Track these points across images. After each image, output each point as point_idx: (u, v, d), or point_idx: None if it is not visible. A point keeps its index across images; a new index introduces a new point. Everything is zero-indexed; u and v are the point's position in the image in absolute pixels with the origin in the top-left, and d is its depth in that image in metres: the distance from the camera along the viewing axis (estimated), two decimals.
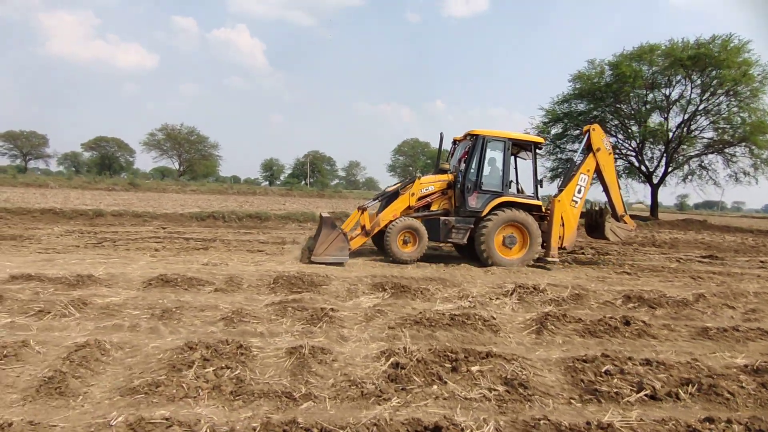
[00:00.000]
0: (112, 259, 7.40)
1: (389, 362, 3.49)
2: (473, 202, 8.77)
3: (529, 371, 3.48)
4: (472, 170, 8.78)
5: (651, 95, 25.31)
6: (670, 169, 26.50)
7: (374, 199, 9.86)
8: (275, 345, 3.86)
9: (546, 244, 8.98)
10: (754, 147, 23.75)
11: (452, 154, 10.08)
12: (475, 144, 8.78)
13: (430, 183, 8.96)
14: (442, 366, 3.45)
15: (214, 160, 68.64)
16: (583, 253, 11.31)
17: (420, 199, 8.84)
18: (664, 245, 14.06)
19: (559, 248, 9.01)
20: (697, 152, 26.01)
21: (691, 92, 24.06)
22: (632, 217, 10.67)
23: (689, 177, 26.49)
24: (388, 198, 8.91)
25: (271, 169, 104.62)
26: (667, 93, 25.15)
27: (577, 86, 27.20)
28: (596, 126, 9.66)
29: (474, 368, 3.41)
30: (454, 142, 10.03)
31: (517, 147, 9.33)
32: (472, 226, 8.74)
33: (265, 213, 15.04)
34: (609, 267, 9.35)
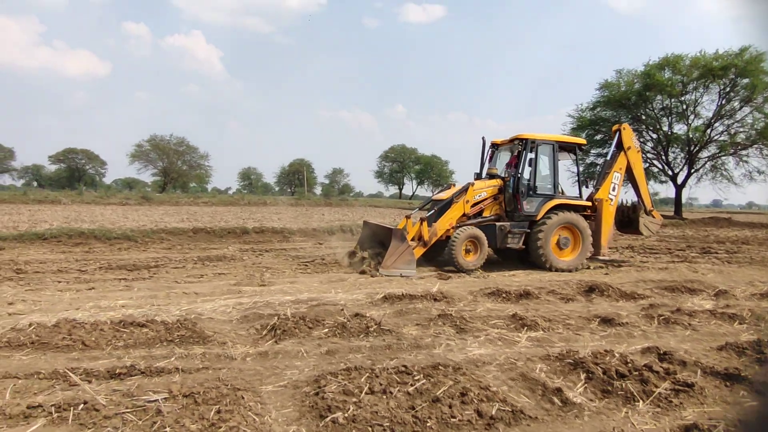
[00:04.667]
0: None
1: None
2: (528, 206, 8.86)
3: None
4: (525, 174, 8.91)
5: (677, 103, 27.25)
6: (692, 170, 28.56)
7: (420, 208, 10.01)
8: None
9: (596, 243, 9.30)
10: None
11: (491, 158, 10.07)
12: (525, 148, 8.91)
13: (482, 189, 8.95)
14: None
15: (205, 170, 66.96)
16: (717, 253, 12.38)
17: (473, 205, 8.83)
18: (753, 242, 15.45)
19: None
20: (719, 154, 28.11)
21: (720, 99, 26.15)
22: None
23: (713, 177, 28.63)
24: (442, 207, 8.74)
25: (249, 178, 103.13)
26: (692, 99, 27.18)
27: (604, 94, 28.86)
28: (626, 125, 10.02)
29: None
30: (494, 146, 10.05)
31: (560, 149, 9.44)
32: (528, 231, 8.87)
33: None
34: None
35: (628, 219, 10.28)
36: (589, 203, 9.49)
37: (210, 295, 6.13)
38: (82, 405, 2.76)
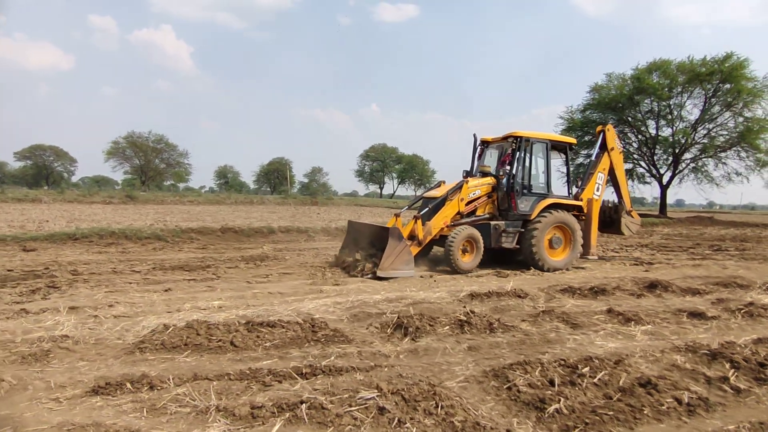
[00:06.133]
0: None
1: None
2: (522, 204, 8.72)
3: None
4: (521, 173, 8.74)
5: (664, 106, 28.32)
6: (677, 171, 29.74)
7: (409, 207, 9.88)
8: None
9: (586, 243, 9.36)
10: (748, 149, 27.24)
11: (480, 156, 9.79)
12: (519, 146, 8.73)
13: (476, 187, 8.71)
14: None
15: (184, 168, 65.38)
16: (728, 250, 13.02)
17: (468, 203, 8.60)
18: (751, 240, 16.30)
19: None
20: (701, 156, 29.37)
21: (706, 103, 27.31)
22: (644, 215, 11.74)
23: (697, 178, 29.89)
24: (436, 204, 8.39)
25: (225, 176, 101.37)
26: (677, 103, 28.32)
27: (594, 97, 29.72)
28: (610, 126, 10.19)
29: None
30: (484, 143, 9.75)
31: (552, 148, 9.30)
32: (522, 230, 8.73)
33: None
34: None
35: (609, 219, 10.29)
36: (579, 203, 9.49)
37: (294, 294, 6.13)
38: (303, 405, 2.79)
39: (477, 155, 9.74)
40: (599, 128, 10.30)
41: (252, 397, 2.95)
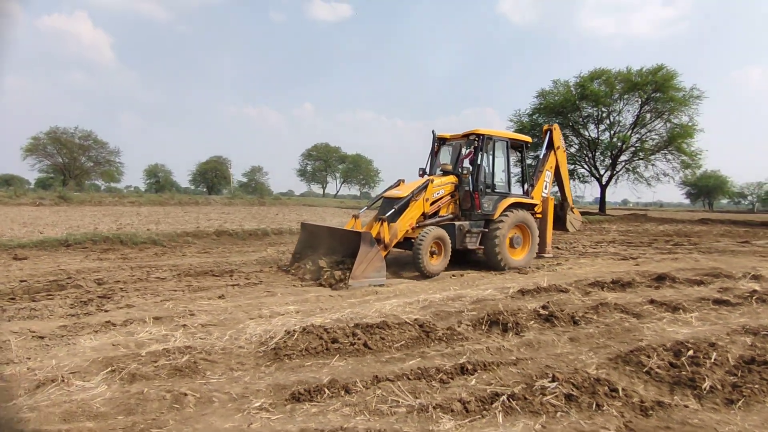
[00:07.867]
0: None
1: None
2: (486, 204, 8.63)
3: None
4: (485, 172, 8.70)
5: (604, 111, 30.77)
6: (615, 172, 32.43)
7: (369, 207, 9.94)
8: None
9: (541, 241, 9.54)
10: (675, 152, 30.28)
11: (437, 153, 9.49)
12: (483, 145, 8.59)
13: (440, 186, 8.42)
14: None
15: (115, 167, 60.89)
16: (685, 245, 14.55)
17: (432, 203, 8.30)
18: (693, 235, 18.25)
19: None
20: (634, 158, 32.21)
21: (640, 110, 30.01)
22: (587, 213, 12.93)
23: (632, 178, 32.74)
24: (401, 205, 7.92)
25: (156, 175, 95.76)
26: (615, 109, 30.88)
27: (541, 102, 31.63)
28: (556, 126, 10.52)
29: None
30: (441, 140, 9.50)
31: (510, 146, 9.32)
32: (485, 230, 8.62)
33: None
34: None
35: (556, 216, 10.53)
36: (536, 202, 9.64)
37: (353, 297, 6.22)
38: (503, 396, 3.01)
39: (434, 153, 9.48)
40: (546, 127, 10.61)
41: (443, 393, 3.12)
